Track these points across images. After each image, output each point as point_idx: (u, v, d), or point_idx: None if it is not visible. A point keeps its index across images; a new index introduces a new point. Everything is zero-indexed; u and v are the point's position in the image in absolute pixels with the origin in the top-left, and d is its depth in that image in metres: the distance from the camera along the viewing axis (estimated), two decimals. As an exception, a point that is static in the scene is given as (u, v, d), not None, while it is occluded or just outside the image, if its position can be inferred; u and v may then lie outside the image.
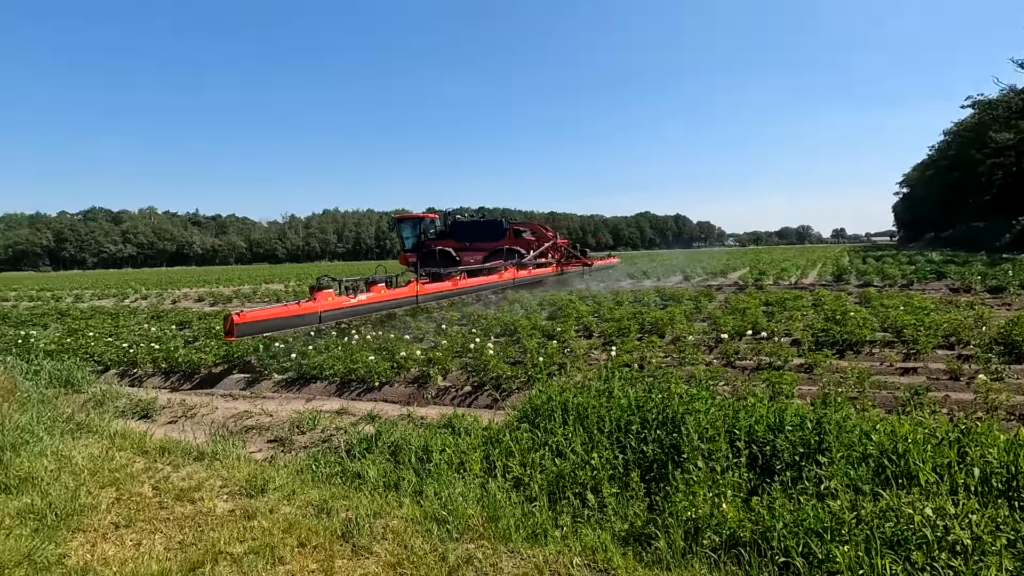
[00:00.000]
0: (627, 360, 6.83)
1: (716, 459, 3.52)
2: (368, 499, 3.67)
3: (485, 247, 21.87)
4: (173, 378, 8.13)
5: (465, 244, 22.35)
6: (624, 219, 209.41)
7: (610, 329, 9.00)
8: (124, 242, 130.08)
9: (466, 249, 22.12)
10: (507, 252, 20.68)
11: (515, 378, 6.45)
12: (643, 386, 4.90)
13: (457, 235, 22.73)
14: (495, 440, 4.29)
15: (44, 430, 5.03)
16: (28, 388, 6.56)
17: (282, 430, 5.45)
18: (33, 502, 3.76)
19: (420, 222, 23.62)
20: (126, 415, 6.25)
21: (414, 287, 11.84)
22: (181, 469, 4.39)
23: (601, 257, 31.67)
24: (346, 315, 10.09)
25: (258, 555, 3.07)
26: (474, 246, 22.12)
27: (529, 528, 3.24)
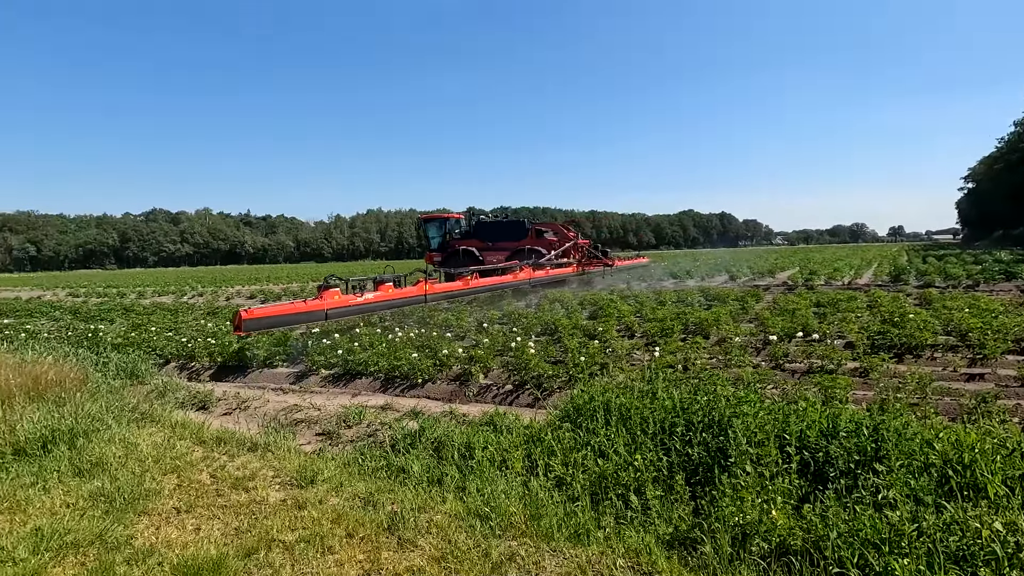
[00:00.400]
0: (670, 361, 6.72)
1: (765, 464, 3.42)
2: (412, 493, 3.75)
3: (508, 247, 22.08)
4: (228, 371, 8.49)
5: (488, 244, 22.63)
6: (667, 217, 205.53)
7: (653, 329, 8.86)
8: (182, 242, 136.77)
9: (489, 249, 22.37)
10: (529, 252, 20.85)
11: (556, 377, 6.44)
12: (688, 388, 4.81)
13: (481, 235, 23.04)
14: (537, 439, 4.30)
15: (112, 418, 5.34)
16: (98, 379, 6.98)
17: (329, 424, 5.62)
18: (104, 485, 4.01)
19: (445, 222, 23.92)
20: (185, 406, 6.58)
21: (422, 286, 11.97)
22: (236, 459, 4.58)
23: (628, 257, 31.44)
24: (353, 313, 10.38)
25: (309, 544, 3.18)
26: (497, 246, 22.37)
27: (571, 528, 3.23)
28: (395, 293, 11.37)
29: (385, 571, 2.91)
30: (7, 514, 3.66)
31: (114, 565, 2.98)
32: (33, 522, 3.52)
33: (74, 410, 5.31)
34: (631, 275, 23.46)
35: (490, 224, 23.32)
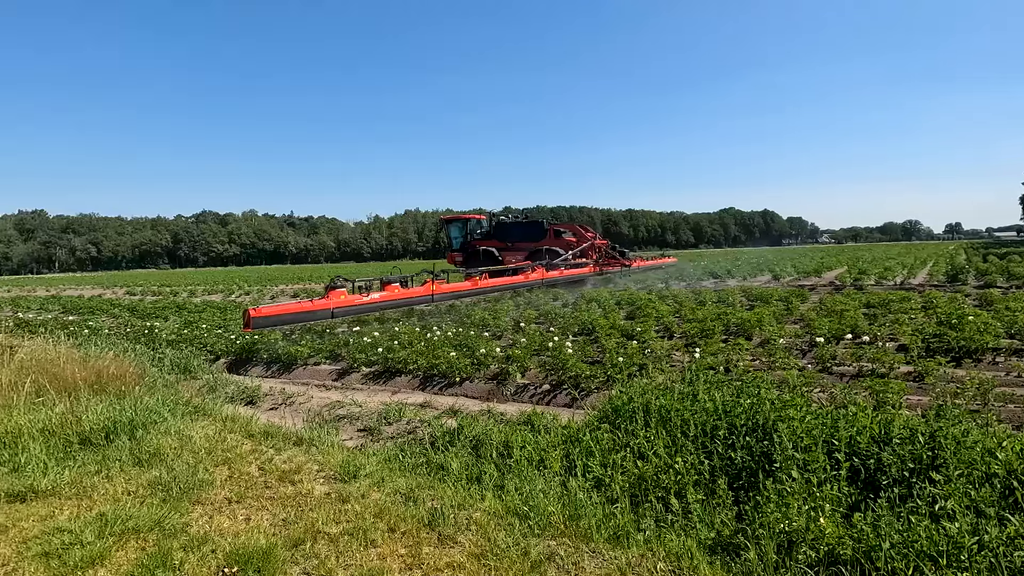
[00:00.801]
0: (711, 363, 6.58)
1: (812, 470, 3.32)
2: (452, 490, 3.80)
3: (526, 247, 22.32)
4: (274, 368, 8.79)
5: (508, 244, 22.92)
6: (706, 216, 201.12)
7: (692, 330, 8.70)
8: (229, 242, 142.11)
9: (508, 249, 22.68)
10: (547, 252, 21.05)
11: (594, 378, 6.40)
12: (730, 390, 4.70)
13: (500, 236, 23.31)
14: (575, 439, 4.29)
15: (168, 412, 5.61)
16: (154, 374, 7.34)
17: (370, 420, 5.75)
18: (161, 475, 4.21)
19: (467, 223, 24.40)
20: (234, 401, 6.84)
21: (429, 287, 12.34)
22: (282, 452, 4.74)
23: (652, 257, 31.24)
24: (358, 312, 10.91)
25: (352, 537, 3.26)
26: (516, 246, 22.62)
27: (611, 529, 3.21)
28: (401, 293, 11.79)
29: (426, 566, 2.96)
30: (75, 500, 3.89)
31: (172, 551, 3.14)
32: (98, 508, 3.73)
33: (134, 403, 5.60)
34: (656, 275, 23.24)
35: (509, 225, 23.60)
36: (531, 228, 23.13)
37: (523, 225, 23.52)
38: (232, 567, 2.97)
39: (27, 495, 3.96)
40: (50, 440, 4.85)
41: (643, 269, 24.64)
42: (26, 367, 6.69)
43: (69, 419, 5.13)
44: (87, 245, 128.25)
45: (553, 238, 22.37)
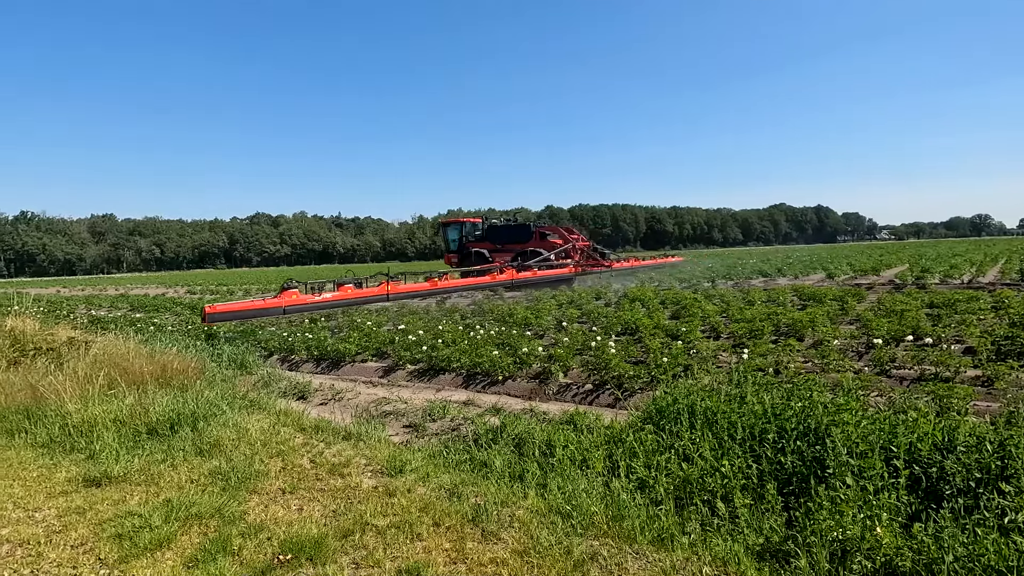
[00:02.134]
0: (760, 364, 6.39)
1: (868, 477, 3.19)
2: (495, 487, 3.84)
3: (514, 248, 23.79)
4: (323, 364, 9.09)
5: (498, 246, 24.45)
6: (755, 212, 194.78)
7: (740, 330, 8.46)
8: (281, 243, 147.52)
9: (498, 250, 24.17)
10: (531, 253, 22.53)
11: (637, 378, 6.33)
12: (780, 393, 4.56)
13: (492, 238, 24.98)
14: (618, 440, 4.26)
15: (227, 405, 5.90)
16: (213, 369, 7.73)
17: (415, 417, 5.87)
18: (220, 465, 4.44)
19: (462, 226, 26.30)
20: (287, 395, 7.12)
21: (385, 287, 13.86)
22: (332, 446, 4.91)
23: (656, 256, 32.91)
24: (309, 309, 12.38)
25: (399, 530, 3.36)
26: (506, 247, 24.10)
27: (655, 531, 3.18)
28: (354, 293, 13.28)
29: (470, 561, 3.01)
30: (144, 486, 4.16)
31: (231, 537, 3.31)
32: (164, 494, 3.97)
33: (195, 396, 5.92)
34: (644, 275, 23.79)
35: (500, 228, 25.29)
36: (519, 231, 24.68)
37: (512, 228, 25.09)
38: (287, 554, 3.11)
39: (101, 480, 4.25)
40: (121, 429, 5.19)
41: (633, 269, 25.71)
42: (99, 361, 7.16)
43: (138, 410, 5.47)
44: (151, 247, 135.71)
45: (539, 240, 23.75)
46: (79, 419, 5.33)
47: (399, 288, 14.46)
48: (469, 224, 26.44)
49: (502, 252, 23.86)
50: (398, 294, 14.40)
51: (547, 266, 21.07)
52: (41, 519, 3.71)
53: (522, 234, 24.40)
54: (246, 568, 3.00)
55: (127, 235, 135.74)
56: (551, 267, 21.15)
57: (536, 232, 24.04)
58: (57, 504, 3.92)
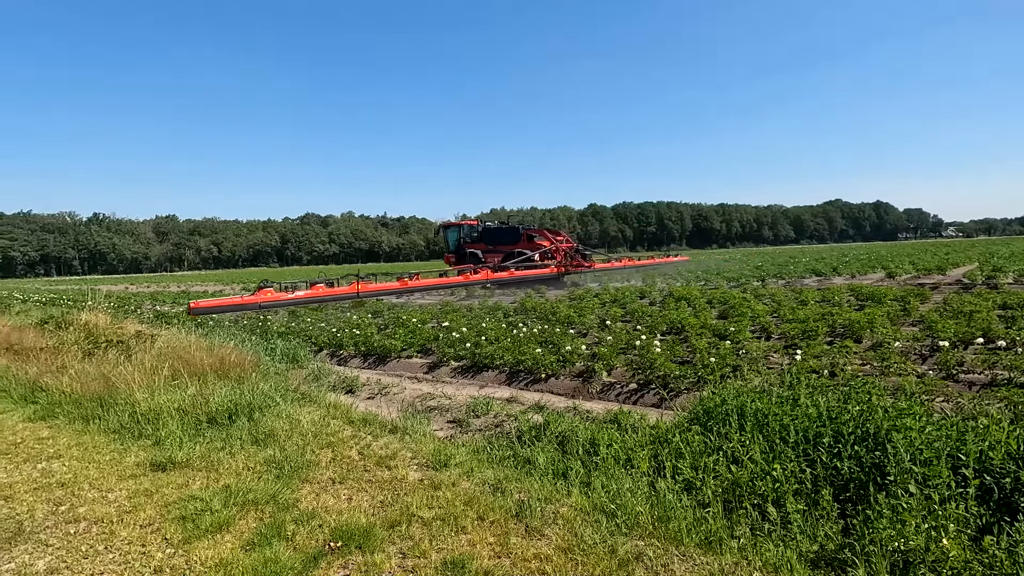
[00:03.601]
0: (814, 366, 6.14)
1: (933, 486, 3.02)
2: (539, 484, 3.85)
3: (504, 249, 25.63)
4: (370, 360, 9.32)
5: (490, 247, 26.33)
6: (808, 209, 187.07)
7: (792, 331, 8.16)
8: (330, 242, 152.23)
9: (490, 251, 26.06)
10: (518, 254, 24.51)
11: (683, 378, 6.20)
12: (835, 395, 4.38)
13: (485, 239, 26.94)
14: (664, 440, 4.18)
15: (280, 397, 6.14)
16: (267, 362, 8.05)
17: (459, 412, 5.94)
18: (274, 454, 4.63)
19: (460, 228, 28.37)
20: (336, 389, 7.34)
21: (355, 287, 15.72)
22: (379, 439, 5.03)
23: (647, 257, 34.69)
24: (282, 306, 14.23)
25: (444, 522, 3.41)
26: (497, 248, 25.99)
27: (702, 534, 3.11)
28: (325, 291, 15.13)
29: (514, 556, 3.03)
30: (204, 472, 4.38)
31: (285, 523, 3.45)
32: (223, 480, 4.17)
33: (251, 388, 6.18)
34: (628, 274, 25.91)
35: (493, 230, 27.38)
36: (509, 233, 26.70)
37: (503, 231, 27.14)
38: (337, 541, 3.21)
39: (167, 465, 4.51)
40: (184, 418, 5.48)
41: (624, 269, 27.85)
42: (164, 354, 7.59)
43: (199, 400, 5.77)
44: (210, 246, 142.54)
45: (526, 242, 25.57)
46: (146, 407, 5.66)
47: (368, 287, 16.43)
48: (467, 227, 28.43)
49: (494, 252, 25.76)
50: (368, 293, 16.31)
51: (529, 266, 22.90)
52: (113, 499, 3.97)
53: (512, 236, 26.40)
54: (299, 553, 3.12)
55: (188, 235, 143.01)
56: (534, 267, 22.96)
57: (524, 234, 25.99)
58: (127, 486, 4.18)
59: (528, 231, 26.24)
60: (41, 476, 4.46)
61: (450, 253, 28.26)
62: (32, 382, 7.41)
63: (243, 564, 3.02)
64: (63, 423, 5.90)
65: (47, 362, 8.41)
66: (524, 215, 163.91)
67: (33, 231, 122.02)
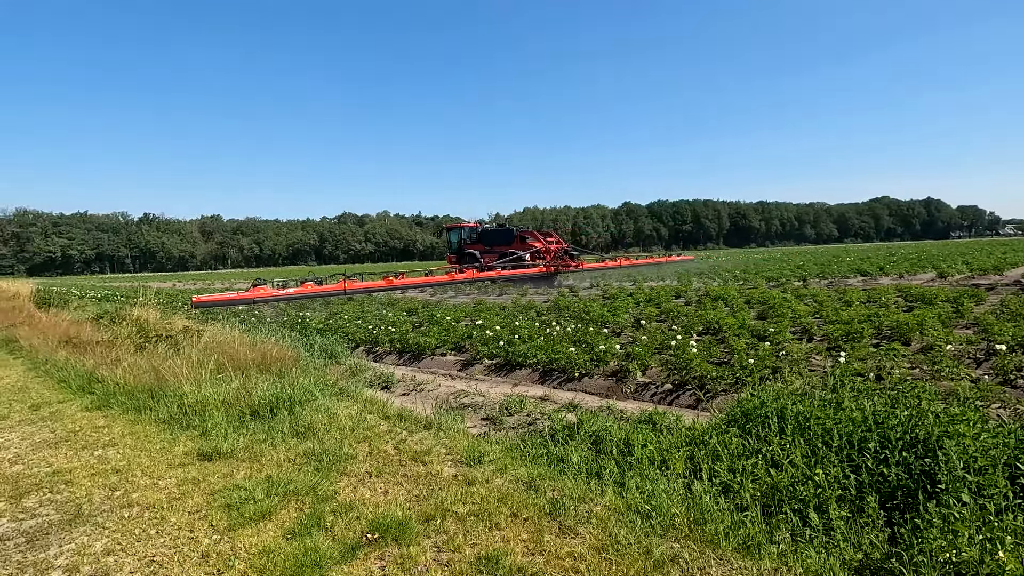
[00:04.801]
0: (859, 369, 5.93)
1: (989, 496, 2.88)
2: (572, 483, 3.84)
3: (499, 250, 27.42)
4: (405, 356, 9.47)
5: (487, 247, 28.15)
6: (853, 206, 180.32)
7: (836, 332, 7.89)
8: (366, 241, 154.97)
9: (487, 251, 27.87)
10: (510, 253, 26.30)
11: (720, 379, 6.08)
12: (882, 399, 4.22)
13: (484, 241, 28.84)
14: (700, 441, 4.12)
15: (319, 391, 6.30)
16: (306, 358, 8.27)
17: (493, 410, 5.98)
18: (313, 447, 4.76)
19: (462, 230, 30.43)
20: (372, 385, 7.48)
21: (342, 284, 17.76)
22: (414, 434, 5.11)
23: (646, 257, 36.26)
24: (274, 301, 16.34)
25: (478, 518, 3.44)
26: (493, 249, 27.75)
27: (740, 538, 3.05)
28: (314, 289, 17.17)
29: (548, 553, 3.04)
30: (248, 462, 4.54)
31: (324, 514, 3.54)
32: (266, 471, 4.31)
33: (291, 382, 6.36)
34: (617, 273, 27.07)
35: (490, 232, 29.46)
36: (504, 235, 28.53)
37: (498, 232, 29.07)
38: (374, 533, 3.28)
39: (212, 455, 4.68)
40: (229, 410, 5.68)
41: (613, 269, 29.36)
42: (209, 348, 7.88)
43: (242, 393, 5.97)
44: (252, 245, 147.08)
45: (519, 243, 27.32)
46: (193, 400, 5.90)
47: (354, 285, 18.34)
48: (467, 229, 30.51)
49: (490, 253, 27.62)
50: (353, 291, 18.21)
51: (518, 265, 24.56)
52: (164, 487, 4.15)
53: (506, 237, 28.23)
54: (338, 544, 3.20)
55: (231, 234, 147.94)
56: (524, 266, 24.59)
57: (518, 236, 27.81)
58: (176, 474, 4.36)
59: (521, 233, 28.10)
60: (98, 463, 4.71)
61: (452, 253, 30.36)
62: (89, 374, 7.81)
63: (285, 552, 3.12)
64: (117, 413, 6.20)
65: (102, 355, 8.85)
66: (558, 213, 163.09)
67: (89, 231, 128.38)
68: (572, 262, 26.25)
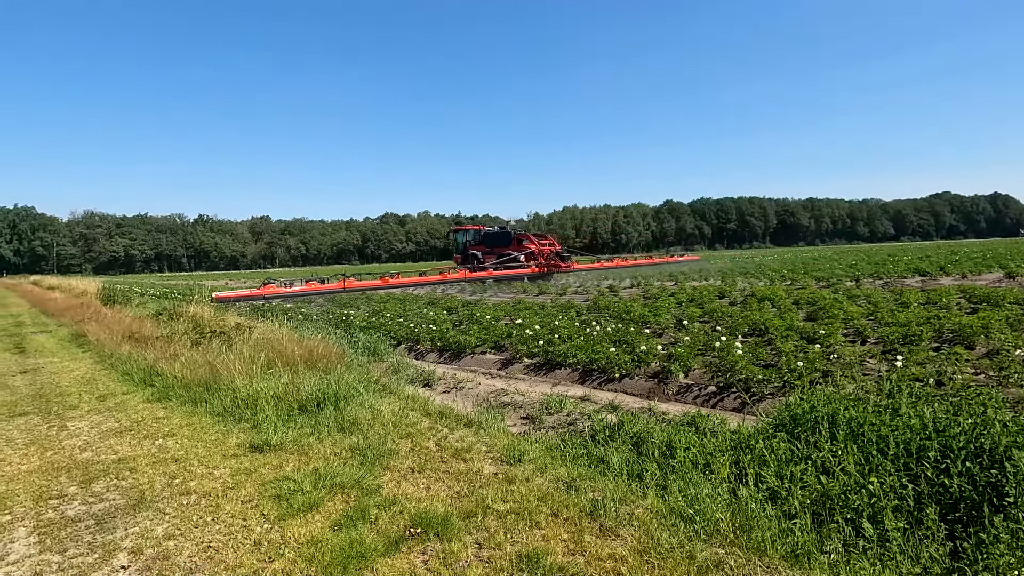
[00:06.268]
0: (917, 373, 5.65)
1: (1063, 511, 2.70)
2: (613, 484, 3.81)
3: (499, 251, 30.06)
4: (445, 354, 9.59)
5: (488, 249, 30.97)
6: (911, 202, 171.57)
7: (892, 335, 7.53)
8: (407, 240, 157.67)
9: (488, 252, 30.62)
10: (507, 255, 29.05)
11: (767, 382, 5.90)
12: (943, 406, 4.01)
13: (485, 242, 31.84)
14: (746, 446, 4.01)
15: (363, 388, 6.46)
16: (351, 355, 8.48)
17: (532, 409, 5.99)
18: (358, 442, 4.88)
19: (467, 232, 34.24)
20: (414, 382, 7.62)
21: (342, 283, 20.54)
22: (455, 432, 5.18)
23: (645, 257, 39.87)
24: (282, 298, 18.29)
25: (518, 516, 3.46)
26: (493, 250, 30.47)
27: (788, 546, 2.96)
28: (317, 287, 19.99)
29: (588, 554, 3.02)
30: (296, 455, 4.70)
31: (369, 507, 3.63)
32: (313, 464, 4.46)
33: (337, 378, 6.55)
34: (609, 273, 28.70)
35: (492, 234, 32.61)
36: (503, 237, 31.39)
37: (498, 235, 32.14)
38: (417, 528, 3.34)
39: (263, 447, 4.88)
40: (278, 404, 5.90)
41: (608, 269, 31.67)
42: (259, 344, 8.20)
43: (291, 388, 6.19)
44: (298, 244, 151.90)
45: (516, 245, 29.96)
46: (245, 393, 6.15)
47: (353, 284, 20.83)
48: (472, 231, 34.05)
49: (491, 254, 30.14)
50: (352, 289, 20.50)
51: (510, 266, 27.30)
52: (218, 476, 4.35)
53: (504, 240, 30.96)
54: (382, 537, 3.28)
55: (279, 234, 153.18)
56: (517, 267, 27.29)
57: (515, 238, 30.42)
58: (230, 464, 4.56)
59: (518, 236, 30.69)
60: (158, 451, 4.97)
61: (458, 254, 33.24)
62: (150, 367, 8.25)
63: (332, 543, 3.22)
64: (175, 405, 6.53)
65: (161, 349, 9.33)
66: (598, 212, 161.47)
67: (149, 231, 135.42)
68: (563, 263, 28.75)
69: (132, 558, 3.21)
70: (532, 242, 29.33)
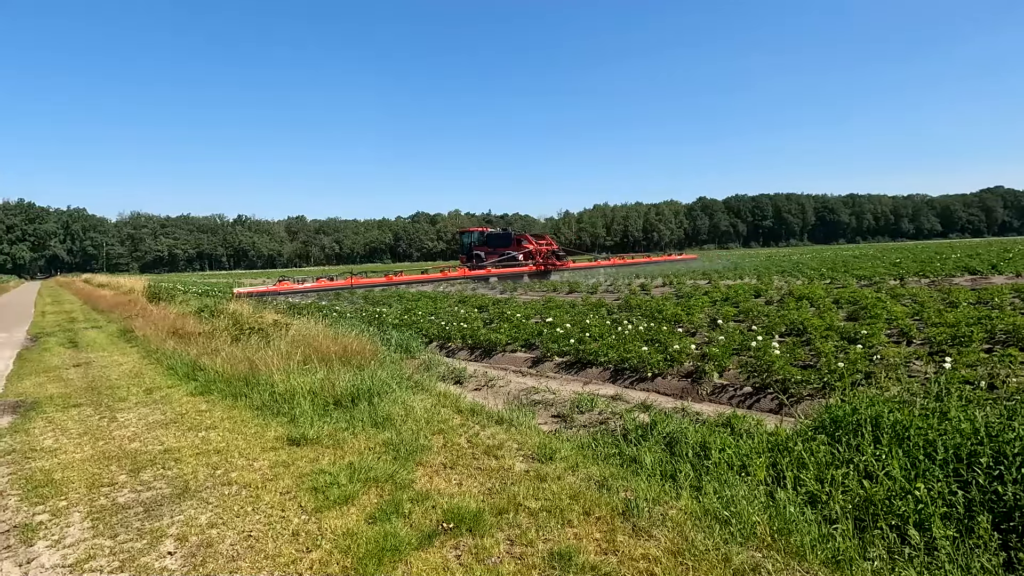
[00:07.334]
0: (968, 376, 5.40)
1: None
2: (646, 484, 3.77)
3: (500, 251, 32.57)
4: (476, 352, 9.65)
5: (490, 249, 33.48)
6: (960, 198, 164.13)
7: (939, 336, 7.23)
8: (437, 239, 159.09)
9: (490, 252, 33.09)
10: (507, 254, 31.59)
11: (806, 383, 5.74)
12: (996, 410, 3.83)
13: (488, 243, 34.54)
14: (784, 448, 3.91)
15: (396, 384, 6.56)
16: (383, 351, 8.61)
17: (563, 408, 5.97)
18: (391, 437, 4.96)
19: (471, 234, 37.21)
20: (445, 379, 7.69)
21: (350, 280, 22.57)
22: (486, 429, 5.20)
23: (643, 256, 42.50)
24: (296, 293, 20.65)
25: (550, 514, 3.46)
26: (496, 250, 32.96)
27: (829, 551, 2.88)
28: (327, 284, 22.13)
29: (621, 554, 3.00)
30: (332, 449, 4.80)
31: (402, 501, 3.69)
32: (348, 458, 4.55)
33: (370, 375, 6.66)
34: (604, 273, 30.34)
35: (494, 235, 35.26)
36: (503, 238, 34.11)
37: (500, 236, 34.74)
38: (449, 523, 3.38)
39: (300, 441, 5.00)
40: (314, 399, 6.04)
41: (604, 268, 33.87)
42: (296, 340, 8.40)
43: (326, 384, 6.32)
44: (332, 243, 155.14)
45: (515, 245, 32.33)
46: (283, 388, 6.32)
47: (360, 281, 22.80)
48: (477, 232, 36.84)
49: (493, 253, 32.57)
50: (359, 286, 22.35)
51: (510, 264, 29.85)
52: (257, 468, 4.48)
53: (505, 240, 33.43)
54: (415, 530, 3.33)
55: (314, 234, 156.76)
56: (515, 265, 29.68)
57: (515, 239, 32.98)
58: (268, 457, 4.70)
59: (518, 236, 33.23)
60: (201, 443, 5.15)
61: (463, 254, 35.99)
62: (193, 362, 8.56)
63: (367, 535, 3.28)
64: (217, 398, 6.75)
65: (203, 345, 9.67)
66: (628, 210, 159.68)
67: (191, 231, 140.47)
68: (559, 262, 30.99)
69: (178, 544, 3.34)
70: (530, 242, 31.89)
